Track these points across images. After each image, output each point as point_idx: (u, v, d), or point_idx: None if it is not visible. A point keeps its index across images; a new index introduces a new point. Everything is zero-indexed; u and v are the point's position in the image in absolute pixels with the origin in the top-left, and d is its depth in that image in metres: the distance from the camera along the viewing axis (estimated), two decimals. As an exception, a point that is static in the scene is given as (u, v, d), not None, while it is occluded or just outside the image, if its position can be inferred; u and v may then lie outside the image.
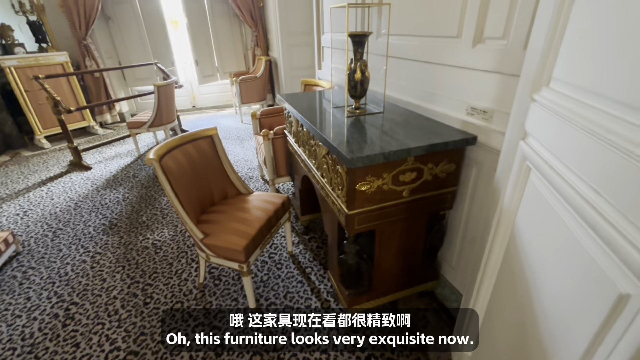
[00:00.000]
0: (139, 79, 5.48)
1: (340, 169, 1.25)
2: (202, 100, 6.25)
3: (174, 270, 2.06)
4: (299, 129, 1.85)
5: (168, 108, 3.81)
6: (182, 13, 5.08)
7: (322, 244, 2.25)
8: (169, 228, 2.50)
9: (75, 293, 1.91)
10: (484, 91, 1.29)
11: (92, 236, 2.43)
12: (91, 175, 3.48)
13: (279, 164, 2.56)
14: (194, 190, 1.75)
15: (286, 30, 4.66)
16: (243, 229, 1.63)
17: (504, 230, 1.00)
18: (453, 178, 1.39)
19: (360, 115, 1.63)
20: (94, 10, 4.55)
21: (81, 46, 4.65)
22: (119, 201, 2.92)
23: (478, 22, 1.24)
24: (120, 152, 4.10)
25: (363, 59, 1.56)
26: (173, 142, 1.68)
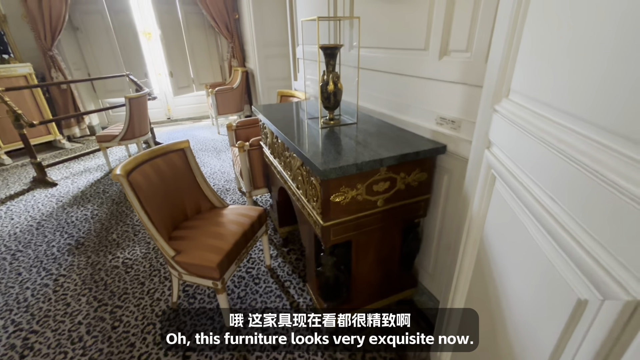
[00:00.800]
0: (110, 91, 5.30)
1: (315, 180, 1.25)
2: (178, 111, 6.12)
3: (145, 290, 1.96)
4: (274, 140, 1.84)
5: (141, 120, 3.69)
6: (155, 25, 5.00)
7: (301, 255, 2.22)
8: (141, 245, 2.39)
9: (35, 320, 1.78)
10: (451, 101, 1.33)
11: (56, 257, 2.29)
12: (56, 192, 3.30)
13: (255, 176, 2.52)
14: (165, 205, 1.68)
15: (262, 41, 4.68)
16: (217, 245, 1.58)
17: (474, 237, 1.02)
18: (425, 186, 1.42)
19: (334, 126, 1.64)
20: (60, 20, 4.39)
21: (47, 57, 4.46)
22: (87, 219, 2.77)
23: (443, 36, 1.29)
24: (90, 167, 3.92)
25: (335, 70, 1.58)
26: (142, 156, 1.62)
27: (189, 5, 5.23)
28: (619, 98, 0.45)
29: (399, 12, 1.53)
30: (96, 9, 4.82)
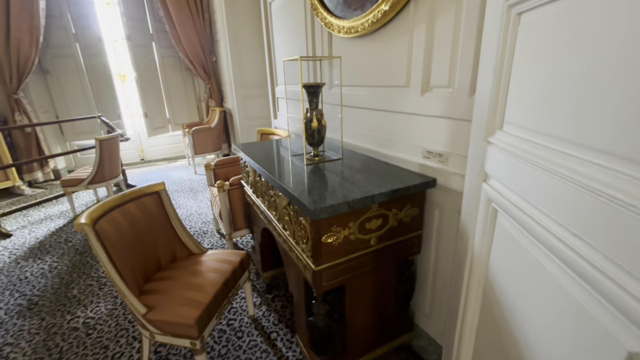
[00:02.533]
0: (80, 133, 5.10)
1: (304, 220, 1.17)
2: (152, 152, 5.95)
3: (109, 355, 1.70)
4: (256, 179, 1.76)
5: (111, 162, 3.51)
6: (130, 67, 4.99)
7: (288, 302, 2.05)
8: (106, 300, 2.13)
9: (-31, 405, 1.47)
10: (437, 135, 1.33)
11: (3, 322, 1.98)
12: (10, 243, 2.96)
13: (236, 217, 2.40)
14: (135, 255, 1.52)
15: (240, 83, 4.75)
16: (195, 297, 1.41)
17: (478, 276, 0.96)
18: (417, 222, 1.37)
19: (319, 163, 1.60)
20: (29, 64, 4.27)
21: (10, 100, 4.26)
22: (44, 273, 2.47)
23: (424, 73, 1.32)
24: (51, 214, 3.61)
25: (319, 108, 1.57)
26: (111, 202, 1.48)
27: (165, 49, 5.30)
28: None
29: (378, 51, 1.58)
30: (69, 52, 4.77)
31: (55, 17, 4.54)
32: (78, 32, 4.75)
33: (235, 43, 4.55)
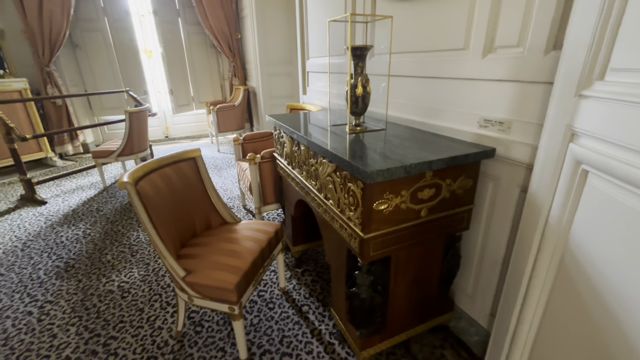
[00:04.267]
0: (107, 108, 5.18)
1: (354, 186, 1.10)
2: (176, 130, 6.00)
3: (145, 318, 1.73)
4: (293, 149, 1.70)
5: (140, 136, 3.54)
6: (157, 43, 4.98)
7: (317, 277, 2.02)
8: (139, 267, 2.16)
9: (15, 355, 1.52)
10: (498, 102, 1.22)
11: (42, 282, 2.04)
12: (45, 210, 3.06)
13: (266, 191, 2.36)
14: (173, 219, 1.50)
15: (265, 60, 4.67)
16: (233, 263, 1.39)
17: (552, 249, 0.88)
18: (470, 195, 1.28)
19: (361, 132, 1.52)
20: (60, 37, 4.32)
21: (43, 73, 4.34)
22: (79, 239, 2.54)
23: (488, 33, 1.21)
24: (83, 185, 3.70)
25: (364, 73, 1.48)
26: (151, 164, 1.46)
27: (192, 25, 5.25)
28: None
29: (430, 12, 1.46)
30: (98, 26, 4.79)
31: (85, -11, 4.55)
32: (106, 6, 4.74)
33: (262, 19, 4.45)
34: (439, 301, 1.51)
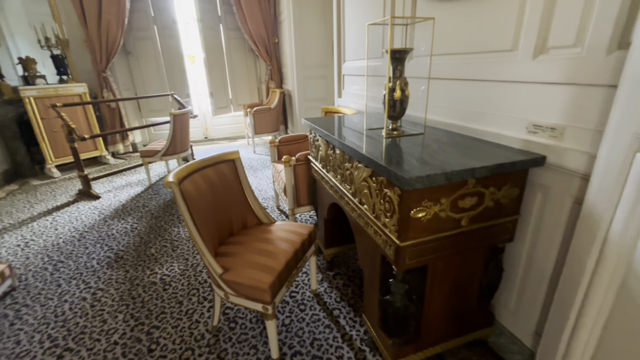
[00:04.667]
0: (154, 110, 5.53)
1: (391, 192, 1.08)
2: (215, 131, 6.27)
3: (184, 310, 1.82)
4: (328, 152, 1.71)
5: (182, 137, 3.75)
6: (200, 48, 5.24)
7: (349, 281, 2.01)
8: (179, 261, 2.28)
9: (71, 337, 1.67)
10: (549, 106, 1.14)
11: (95, 270, 2.23)
12: (99, 204, 3.34)
13: (300, 193, 2.40)
14: (213, 218, 1.57)
15: (301, 63, 4.74)
16: (268, 263, 1.42)
17: (612, 268, 0.80)
18: (515, 204, 1.21)
19: (398, 137, 1.49)
20: (115, 45, 4.69)
21: (100, 78, 4.75)
22: (127, 232, 2.73)
23: (540, 32, 1.13)
24: (131, 182, 3.99)
25: (403, 76, 1.45)
26: (194, 165, 1.53)
27: (232, 31, 5.47)
28: None
29: (474, 12, 1.40)
30: (148, 35, 5.14)
31: (137, 0, 4.90)
32: (156, 15, 5.08)
33: (299, 23, 4.52)
34: (477, 315, 1.43)
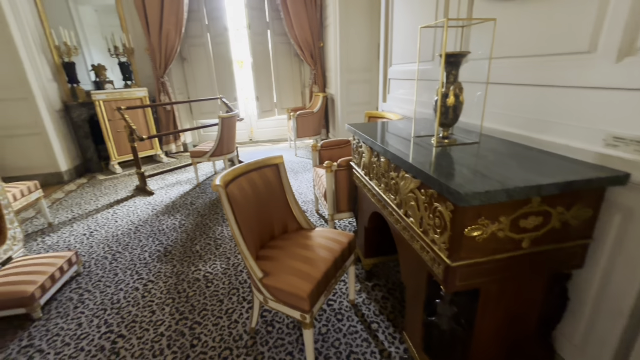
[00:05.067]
0: (204, 113, 5.86)
1: (442, 207, 1.01)
2: (259, 133, 6.47)
3: (224, 309, 1.88)
4: (372, 159, 1.66)
5: (229, 139, 3.91)
6: (248, 54, 5.45)
7: (389, 294, 1.93)
8: (221, 260, 2.37)
9: (124, 324, 1.80)
10: (635, 116, 0.99)
11: (147, 262, 2.38)
12: (152, 200, 3.59)
13: (340, 198, 2.36)
14: (255, 221, 1.60)
15: (345, 67, 4.72)
16: (307, 271, 1.41)
17: None
18: (587, 227, 1.06)
19: (450, 146, 1.39)
20: (173, 52, 5.05)
21: (158, 83, 5.14)
22: (175, 228, 2.90)
23: (626, 31, 0.99)
24: (181, 180, 4.25)
25: (457, 81, 1.35)
26: (239, 168, 1.57)
27: (278, 36, 5.62)
28: None
29: (542, 10, 1.26)
30: (201, 42, 5.46)
31: (193, 10, 5.23)
32: (210, 23, 5.39)
33: (345, 27, 4.52)
34: (535, 346, 1.28)
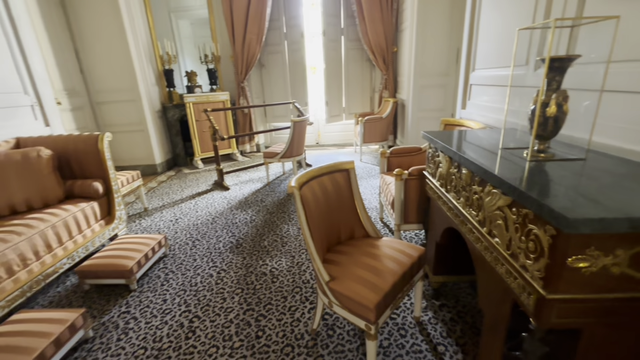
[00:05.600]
0: (276, 116, 6.19)
1: (539, 230, 0.89)
2: (326, 137, 6.60)
3: (287, 306, 1.94)
4: (451, 170, 1.56)
5: (299, 142, 4.06)
6: (321, 60, 5.60)
7: (458, 317, 1.79)
8: (286, 258, 2.46)
9: (200, 306, 1.98)
10: None
11: (221, 252, 2.60)
12: (228, 195, 3.91)
13: (408, 209, 2.27)
14: (324, 224, 1.62)
15: (419, 72, 4.55)
16: (374, 281, 1.37)
17: None
18: None
19: (546, 161, 1.23)
20: (254, 59, 5.45)
21: (239, 88, 5.59)
22: (247, 222, 3.11)
23: None
24: (253, 178, 4.55)
25: (561, 88, 1.19)
26: (313, 172, 1.61)
27: (351, 42, 5.67)
28: None
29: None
30: (279, 49, 5.79)
31: (274, 20, 5.58)
32: (288, 31, 5.68)
33: (422, 31, 4.36)
34: (650, 410, 1.05)
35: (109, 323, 1.88)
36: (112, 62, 4.53)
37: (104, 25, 4.37)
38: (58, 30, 4.23)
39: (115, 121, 4.81)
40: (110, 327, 1.85)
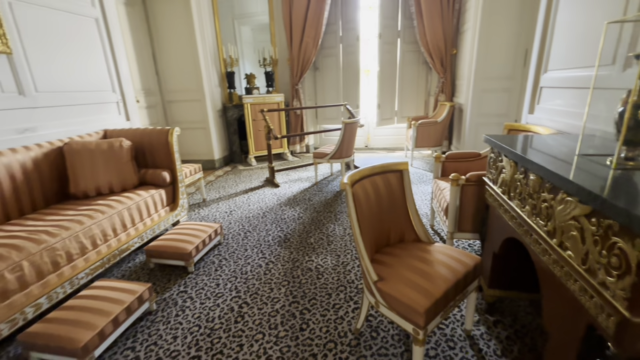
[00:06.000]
0: (327, 118, 6.28)
1: (626, 245, 0.79)
2: (375, 141, 6.53)
3: (331, 303, 1.96)
4: (516, 177, 1.45)
5: (349, 144, 4.07)
6: (376, 63, 5.56)
7: (516, 337, 1.64)
8: (331, 256, 2.48)
9: (249, 293, 2.08)
10: None
11: (270, 245, 2.70)
12: (278, 192, 4.06)
13: (463, 216, 2.15)
14: (373, 224, 1.61)
15: (481, 75, 4.30)
16: (425, 286, 1.33)
17: None
18: None
19: (635, 169, 1.09)
20: (309, 63, 5.60)
21: (293, 90, 5.78)
22: (295, 219, 3.20)
23: None
24: (302, 177, 4.66)
25: (660, 88, 1.05)
26: (365, 171, 1.61)
27: (408, 44, 5.54)
28: None
29: None
30: (334, 52, 5.87)
31: (331, 23, 5.67)
32: (343, 35, 5.74)
33: (486, 32, 4.12)
34: None
35: (169, 299, 2.06)
36: (182, 65, 4.98)
37: (178, 31, 4.83)
38: (140, 35, 4.78)
39: (181, 118, 5.27)
40: (170, 303, 2.03)
